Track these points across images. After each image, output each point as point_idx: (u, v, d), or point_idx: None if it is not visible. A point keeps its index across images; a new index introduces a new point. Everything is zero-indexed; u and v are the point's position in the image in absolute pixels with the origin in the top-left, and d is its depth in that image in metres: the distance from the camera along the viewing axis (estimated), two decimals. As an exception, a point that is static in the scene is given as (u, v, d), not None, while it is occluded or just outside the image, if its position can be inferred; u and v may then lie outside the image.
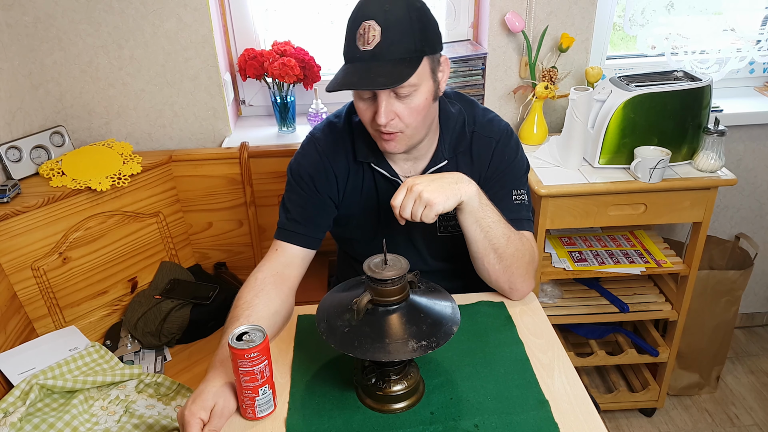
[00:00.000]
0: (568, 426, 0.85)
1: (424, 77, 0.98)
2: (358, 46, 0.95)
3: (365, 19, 0.94)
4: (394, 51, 0.94)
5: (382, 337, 0.82)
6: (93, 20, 1.57)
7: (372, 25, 0.93)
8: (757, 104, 1.84)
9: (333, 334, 0.84)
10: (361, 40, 0.95)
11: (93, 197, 1.51)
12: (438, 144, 1.14)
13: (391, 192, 1.05)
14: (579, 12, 1.68)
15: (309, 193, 1.14)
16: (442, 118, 1.13)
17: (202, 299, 1.58)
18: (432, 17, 1.00)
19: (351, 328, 0.84)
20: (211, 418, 0.85)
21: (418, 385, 0.92)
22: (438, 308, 0.88)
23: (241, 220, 1.74)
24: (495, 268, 1.08)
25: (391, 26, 0.93)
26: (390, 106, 0.98)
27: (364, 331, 0.83)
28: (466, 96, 1.20)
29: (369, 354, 0.81)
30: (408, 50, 0.95)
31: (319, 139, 1.15)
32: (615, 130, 1.49)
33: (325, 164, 1.14)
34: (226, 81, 1.71)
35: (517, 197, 1.14)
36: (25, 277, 1.42)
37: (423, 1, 0.99)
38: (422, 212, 0.95)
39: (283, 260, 1.12)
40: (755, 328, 2.26)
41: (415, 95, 0.99)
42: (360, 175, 1.16)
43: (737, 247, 1.91)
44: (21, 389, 1.20)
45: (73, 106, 1.67)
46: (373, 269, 0.84)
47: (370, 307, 0.85)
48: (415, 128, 1.03)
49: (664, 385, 1.82)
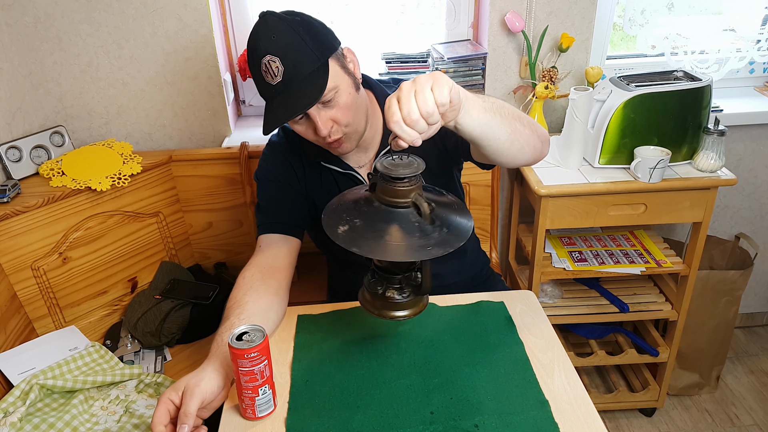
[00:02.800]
0: (568, 426, 0.85)
1: (338, 77, 1.02)
2: (269, 82, 0.99)
3: (262, 57, 0.98)
4: (301, 71, 0.98)
5: (383, 236, 0.79)
6: (93, 20, 1.57)
7: (270, 59, 0.97)
8: (757, 104, 1.84)
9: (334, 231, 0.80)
10: (268, 76, 0.99)
11: (93, 197, 1.51)
12: (384, 129, 1.17)
13: (350, 184, 1.11)
14: (579, 12, 1.68)
15: (278, 188, 1.19)
16: (381, 102, 1.16)
17: (202, 299, 1.58)
18: (316, 21, 1.03)
19: (355, 226, 0.80)
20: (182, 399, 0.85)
21: (421, 297, 0.89)
22: (451, 219, 0.83)
23: (241, 220, 1.74)
24: (526, 135, 0.97)
25: (286, 52, 0.97)
26: (324, 116, 1.03)
27: (368, 228, 0.80)
28: (401, 79, 1.23)
29: (366, 251, 0.77)
30: (312, 63, 0.99)
31: (275, 143, 1.23)
32: (615, 130, 1.49)
33: (284, 162, 1.20)
34: (226, 81, 1.71)
35: None
36: (25, 277, 1.42)
37: (300, 12, 1.02)
38: (429, 96, 0.76)
39: (268, 253, 1.13)
40: (755, 328, 2.26)
41: (339, 96, 1.02)
42: (317, 173, 1.20)
43: (737, 247, 1.91)
44: (21, 389, 1.19)
45: (73, 106, 1.67)
46: (386, 166, 0.79)
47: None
48: (355, 124, 1.07)
49: (664, 385, 1.82)
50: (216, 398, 0.89)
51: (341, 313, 1.13)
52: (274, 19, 0.98)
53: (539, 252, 1.61)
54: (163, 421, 0.84)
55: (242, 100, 1.88)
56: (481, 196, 1.73)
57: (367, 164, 1.20)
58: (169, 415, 0.85)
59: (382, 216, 0.81)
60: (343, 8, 1.76)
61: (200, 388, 0.86)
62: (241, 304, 1.01)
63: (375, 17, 1.78)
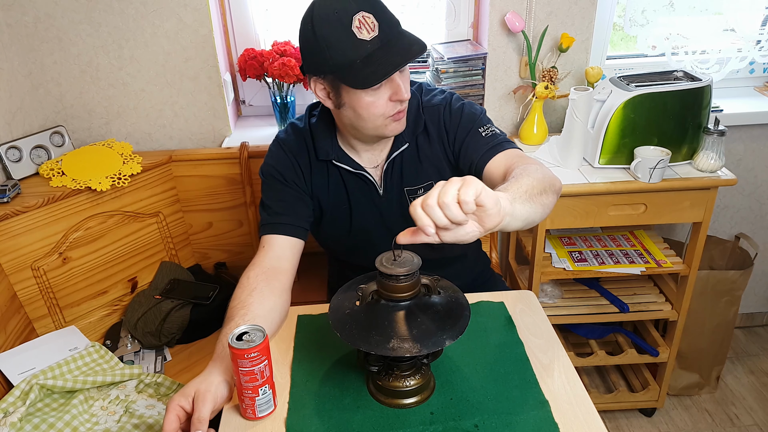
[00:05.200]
0: (568, 426, 0.85)
1: None
2: (363, 38, 0.97)
3: (353, 14, 0.97)
4: (393, 25, 0.99)
5: (386, 331, 0.83)
6: (93, 20, 1.57)
7: (364, 14, 0.97)
8: (757, 104, 1.84)
9: (341, 326, 0.85)
10: (363, 32, 0.97)
11: (93, 197, 1.51)
12: None
13: (359, 184, 1.11)
14: (579, 12, 1.68)
15: (283, 187, 1.18)
16: None
17: (202, 299, 1.58)
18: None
19: (356, 320, 0.84)
20: (193, 404, 0.85)
21: (428, 381, 0.92)
22: (445, 315, 0.88)
23: (241, 220, 1.74)
24: (551, 201, 0.98)
25: (377, 8, 0.98)
26: (403, 81, 1.03)
27: (370, 325, 0.83)
28: (415, 81, 1.24)
29: (370, 347, 0.81)
30: (398, 21, 1.01)
31: (283, 140, 1.21)
32: (615, 130, 1.49)
33: (290, 160, 1.18)
34: (226, 81, 1.71)
35: (485, 131, 1.15)
36: (25, 277, 1.42)
37: None
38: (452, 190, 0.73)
39: (272, 254, 1.12)
40: (755, 328, 2.26)
41: (405, 68, 1.04)
42: (324, 172, 1.19)
43: (737, 247, 1.91)
44: (21, 389, 1.20)
45: (73, 106, 1.67)
46: (385, 264, 0.84)
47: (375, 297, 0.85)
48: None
49: (664, 385, 1.82)
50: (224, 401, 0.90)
51: (341, 313, 1.13)
52: None
53: (539, 252, 1.61)
54: (174, 428, 0.84)
55: (242, 100, 1.88)
56: (481, 196, 1.73)
57: (378, 165, 1.19)
58: (178, 421, 0.85)
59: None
60: (343, 8, 1.76)
61: (212, 394, 0.86)
62: (246, 305, 1.01)
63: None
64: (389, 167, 1.17)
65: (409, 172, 1.18)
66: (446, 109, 1.17)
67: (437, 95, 1.19)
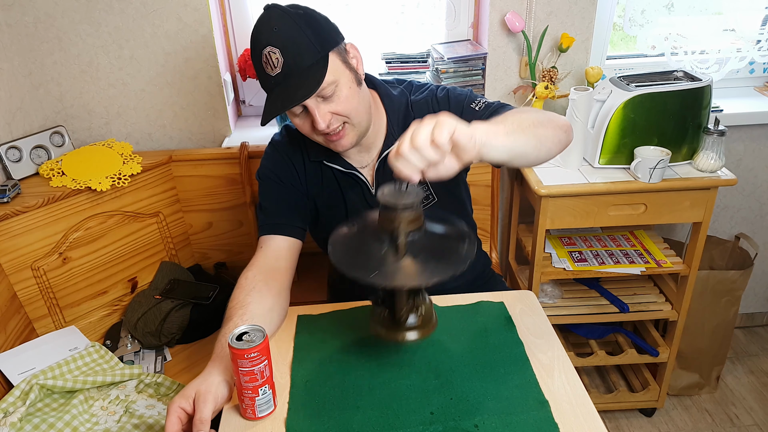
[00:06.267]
0: (568, 426, 0.85)
1: (338, 72, 1.02)
2: (269, 73, 1.00)
3: (263, 48, 0.99)
4: (300, 63, 0.99)
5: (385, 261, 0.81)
6: (93, 20, 1.57)
7: (270, 50, 0.98)
8: (757, 104, 1.84)
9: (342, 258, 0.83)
10: (268, 67, 1.00)
11: (93, 197, 1.51)
12: (387, 128, 1.17)
13: (352, 184, 1.12)
14: (579, 12, 1.68)
15: (279, 188, 1.19)
16: (386, 102, 1.17)
17: (202, 299, 1.58)
18: (319, 15, 1.04)
19: (352, 247, 0.83)
20: (194, 405, 0.85)
21: (430, 317, 0.91)
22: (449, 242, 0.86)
23: (241, 220, 1.74)
24: (550, 136, 0.98)
25: (287, 44, 0.98)
26: (323, 110, 1.03)
27: (368, 253, 0.82)
28: (405, 79, 1.25)
29: (371, 277, 0.79)
30: (312, 56, 0.99)
31: (278, 142, 1.23)
32: (615, 130, 1.49)
33: (285, 161, 1.20)
34: (226, 81, 1.71)
35: (477, 105, 1.15)
36: (25, 277, 1.42)
37: (305, 6, 1.03)
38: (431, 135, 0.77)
39: (271, 255, 1.13)
40: (755, 328, 2.26)
41: (339, 90, 1.03)
42: (318, 173, 1.20)
43: (737, 247, 1.91)
44: (21, 389, 1.20)
45: (73, 106, 1.67)
46: (387, 196, 0.82)
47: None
48: (356, 116, 1.07)
49: (664, 385, 1.82)
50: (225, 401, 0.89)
51: (341, 313, 1.13)
52: (277, 11, 0.99)
53: (539, 252, 1.61)
54: (176, 431, 0.84)
55: (242, 100, 1.88)
56: (481, 196, 1.73)
57: (369, 164, 1.19)
58: (180, 423, 0.85)
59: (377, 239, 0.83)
60: (343, 8, 1.76)
61: (213, 394, 0.86)
62: (244, 305, 1.01)
63: (375, 17, 1.78)
64: (380, 167, 1.18)
65: None
66: (433, 100, 1.18)
67: (424, 91, 1.20)
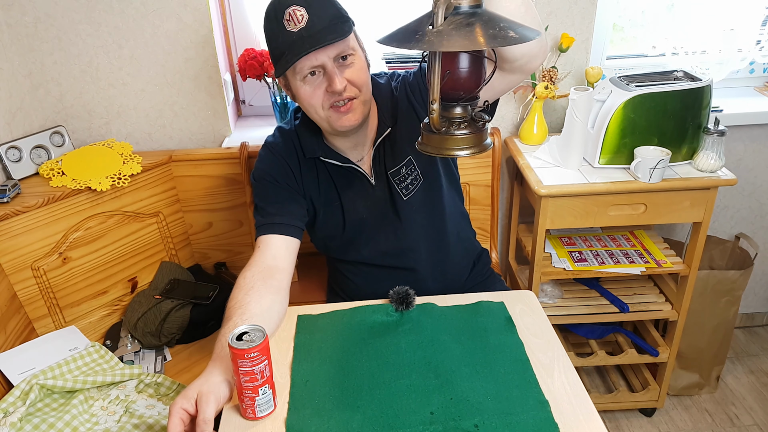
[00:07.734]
0: (568, 426, 0.85)
1: (356, 44, 1.06)
2: (290, 30, 1.00)
3: (286, 7, 0.99)
4: (324, 19, 1.00)
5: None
6: (93, 20, 1.57)
7: (296, 8, 0.99)
8: (757, 104, 1.84)
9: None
10: (291, 24, 1.00)
11: (93, 197, 1.51)
12: (379, 116, 1.20)
13: (350, 178, 1.14)
14: (579, 12, 1.68)
15: (275, 188, 1.19)
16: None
17: (202, 299, 1.58)
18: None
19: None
20: (196, 406, 0.85)
21: (483, 134, 0.79)
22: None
23: (241, 220, 1.74)
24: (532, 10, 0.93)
25: (313, 3, 0.99)
26: (340, 73, 1.04)
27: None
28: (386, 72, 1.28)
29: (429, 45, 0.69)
30: (336, 16, 1.01)
31: (271, 144, 1.24)
32: (615, 130, 1.49)
33: (280, 161, 1.20)
34: (226, 81, 1.71)
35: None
36: (25, 277, 1.42)
37: None
38: None
39: (268, 254, 1.13)
40: (755, 328, 2.26)
41: (356, 59, 1.05)
42: (313, 171, 1.21)
43: (737, 247, 1.91)
44: (21, 389, 1.20)
45: (73, 106, 1.67)
46: None
47: None
48: (366, 92, 1.09)
49: (664, 385, 1.82)
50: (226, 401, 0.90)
51: (341, 313, 1.13)
52: None
53: (539, 252, 1.61)
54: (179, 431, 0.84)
55: (242, 100, 1.88)
56: (481, 196, 1.73)
57: (365, 157, 1.21)
58: (183, 425, 0.85)
59: None
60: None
61: (215, 395, 0.86)
62: (243, 304, 1.01)
63: (375, 17, 1.78)
64: (376, 155, 1.19)
65: (389, 155, 1.20)
66: (408, 77, 1.21)
67: (399, 78, 1.23)
